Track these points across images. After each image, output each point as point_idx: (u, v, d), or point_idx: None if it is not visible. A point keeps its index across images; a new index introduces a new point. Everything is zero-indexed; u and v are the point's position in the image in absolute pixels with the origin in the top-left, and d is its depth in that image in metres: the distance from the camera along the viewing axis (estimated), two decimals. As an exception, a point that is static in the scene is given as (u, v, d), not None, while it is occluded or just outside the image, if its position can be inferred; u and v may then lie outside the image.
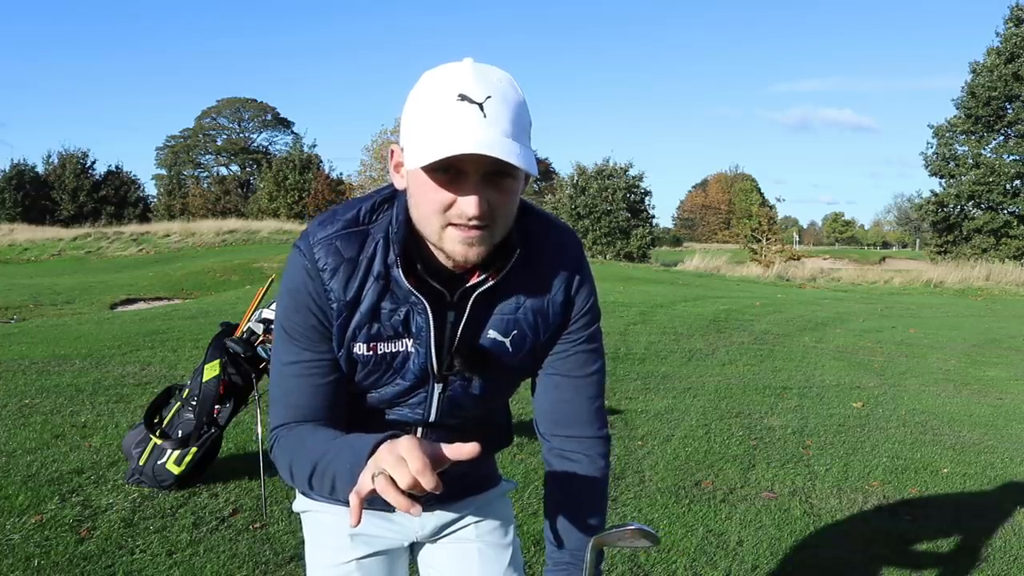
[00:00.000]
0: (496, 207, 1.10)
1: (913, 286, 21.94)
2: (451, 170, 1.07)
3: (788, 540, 3.44)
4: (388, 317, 1.21)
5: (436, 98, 1.06)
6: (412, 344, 1.23)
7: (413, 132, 1.09)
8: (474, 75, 1.06)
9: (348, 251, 1.19)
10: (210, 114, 66.96)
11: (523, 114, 1.09)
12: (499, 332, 1.25)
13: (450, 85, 1.06)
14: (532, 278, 1.25)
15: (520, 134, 1.07)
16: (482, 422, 1.39)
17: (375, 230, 1.21)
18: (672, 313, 10.97)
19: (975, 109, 32.76)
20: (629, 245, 32.10)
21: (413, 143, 1.09)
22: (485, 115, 1.04)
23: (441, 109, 1.05)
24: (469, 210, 1.07)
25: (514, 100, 1.08)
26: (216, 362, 3.65)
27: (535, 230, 1.25)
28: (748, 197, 77.20)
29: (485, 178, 1.08)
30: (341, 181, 44.50)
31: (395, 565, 1.47)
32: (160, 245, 28.21)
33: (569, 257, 1.28)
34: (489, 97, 1.05)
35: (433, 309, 1.20)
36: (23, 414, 4.79)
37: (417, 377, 1.25)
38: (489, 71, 1.08)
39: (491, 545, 1.48)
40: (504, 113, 1.06)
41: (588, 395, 1.34)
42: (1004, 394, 6.80)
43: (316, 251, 1.19)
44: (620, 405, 5.65)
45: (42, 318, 10.29)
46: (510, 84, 1.09)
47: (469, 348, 1.24)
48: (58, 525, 3.19)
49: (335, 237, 1.19)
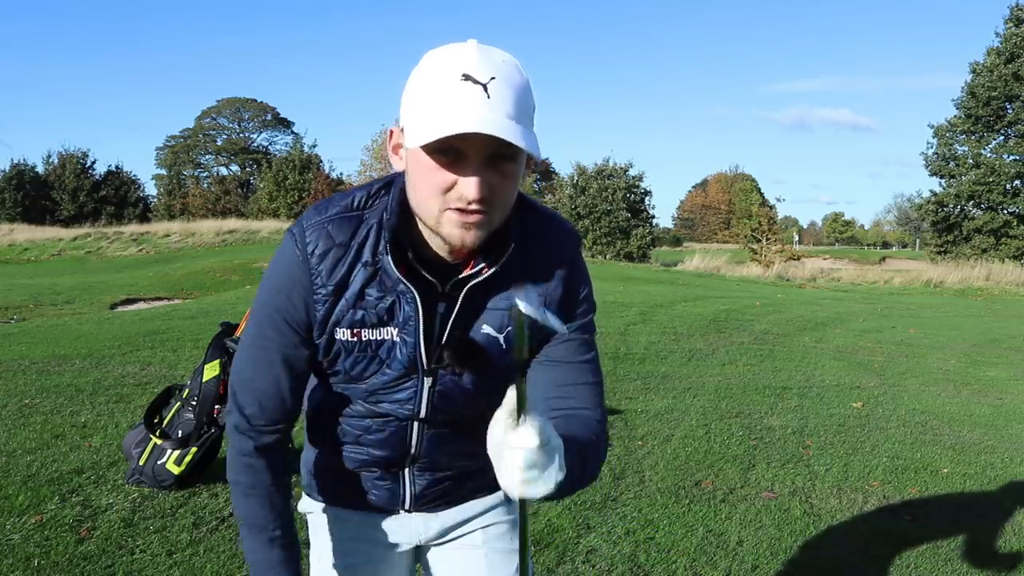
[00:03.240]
0: (496, 191, 1.08)
1: (913, 286, 21.93)
2: (452, 151, 1.05)
3: (788, 540, 3.44)
4: (374, 304, 1.19)
5: (439, 77, 1.04)
6: (398, 333, 1.21)
7: (414, 111, 1.07)
8: (479, 56, 1.04)
9: (340, 236, 1.18)
10: (210, 114, 66.95)
11: (527, 97, 1.07)
12: (493, 327, 1.22)
13: (454, 65, 1.04)
14: (529, 273, 1.22)
15: (523, 117, 1.06)
16: (480, 418, 1.37)
17: (369, 216, 1.19)
18: (672, 313, 10.96)
19: (975, 109, 32.76)
20: (629, 245, 32.09)
21: (414, 122, 1.07)
22: (489, 96, 1.02)
23: (444, 88, 1.03)
24: (470, 192, 1.05)
25: (518, 82, 1.06)
26: (216, 362, 3.65)
27: (534, 224, 1.24)
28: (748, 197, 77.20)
29: (486, 160, 1.06)
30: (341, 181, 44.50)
31: (399, 568, 1.46)
32: (160, 245, 28.20)
33: (566, 253, 1.26)
34: (493, 78, 1.03)
35: (423, 299, 1.18)
36: (23, 414, 4.79)
37: (404, 368, 1.23)
38: (494, 52, 1.07)
39: (498, 551, 1.45)
40: (508, 95, 1.04)
41: (585, 379, 1.27)
42: (1004, 394, 6.80)
43: (308, 235, 1.18)
44: (620, 405, 5.65)
45: (42, 318, 10.28)
46: (514, 66, 1.08)
47: (459, 342, 1.21)
48: (58, 525, 3.19)
49: (328, 221, 1.19)
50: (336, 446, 1.35)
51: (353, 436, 1.33)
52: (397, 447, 1.32)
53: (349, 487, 1.39)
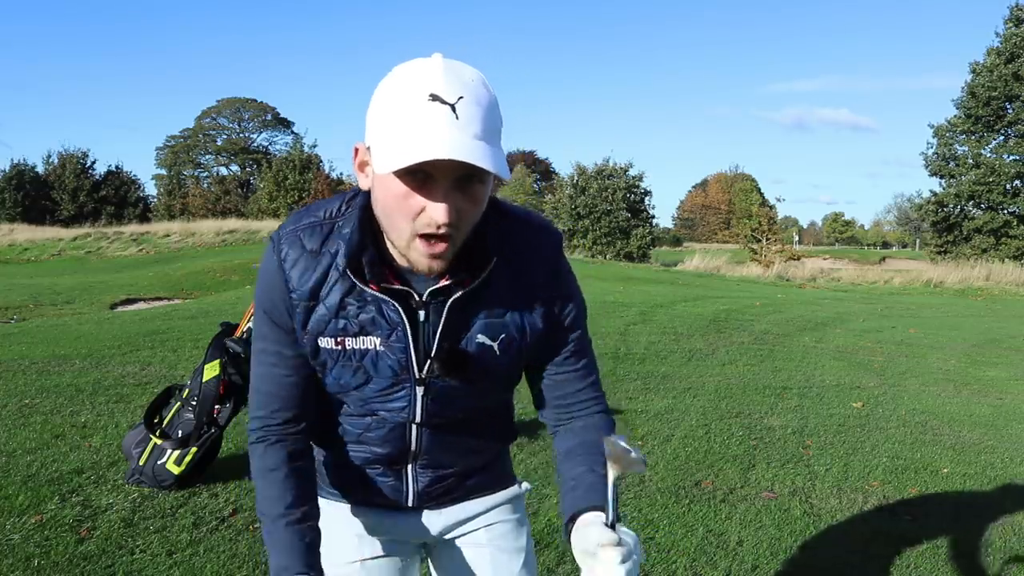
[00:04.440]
0: (464, 215, 1.08)
1: (913, 286, 21.93)
2: (420, 174, 1.04)
3: (788, 540, 3.44)
4: (355, 314, 1.20)
5: (406, 98, 1.03)
6: (381, 343, 1.21)
7: (381, 133, 1.06)
8: (445, 74, 1.02)
9: (310, 243, 1.20)
10: (210, 114, 66.94)
11: (495, 115, 1.06)
12: (487, 336, 1.23)
13: (421, 84, 1.02)
14: (516, 280, 1.23)
15: (491, 136, 1.05)
16: (479, 420, 1.38)
17: (343, 224, 1.20)
18: (672, 313, 10.96)
19: (975, 109, 32.76)
20: (629, 245, 32.10)
21: (381, 145, 1.06)
22: (457, 116, 1.01)
23: (411, 110, 1.02)
24: (439, 217, 1.05)
25: (486, 101, 1.05)
26: (216, 362, 3.65)
27: (512, 231, 1.24)
28: (748, 197, 77.19)
29: (455, 183, 1.06)
30: (341, 181, 44.49)
31: (404, 565, 1.46)
32: (160, 245, 28.21)
33: (548, 256, 1.27)
34: (461, 98, 1.02)
35: (403, 308, 1.19)
36: (23, 414, 4.79)
37: (394, 376, 1.24)
38: (461, 69, 1.05)
39: (503, 550, 1.46)
40: (476, 115, 1.03)
41: (583, 377, 1.34)
42: (1004, 394, 6.80)
43: (282, 242, 1.21)
44: (620, 405, 5.65)
45: (42, 318, 10.28)
46: (482, 83, 1.06)
47: (448, 353, 1.22)
48: (58, 525, 3.19)
49: (301, 230, 1.21)
50: (339, 444, 1.37)
51: (354, 435, 1.34)
52: (397, 445, 1.34)
53: (353, 484, 1.40)
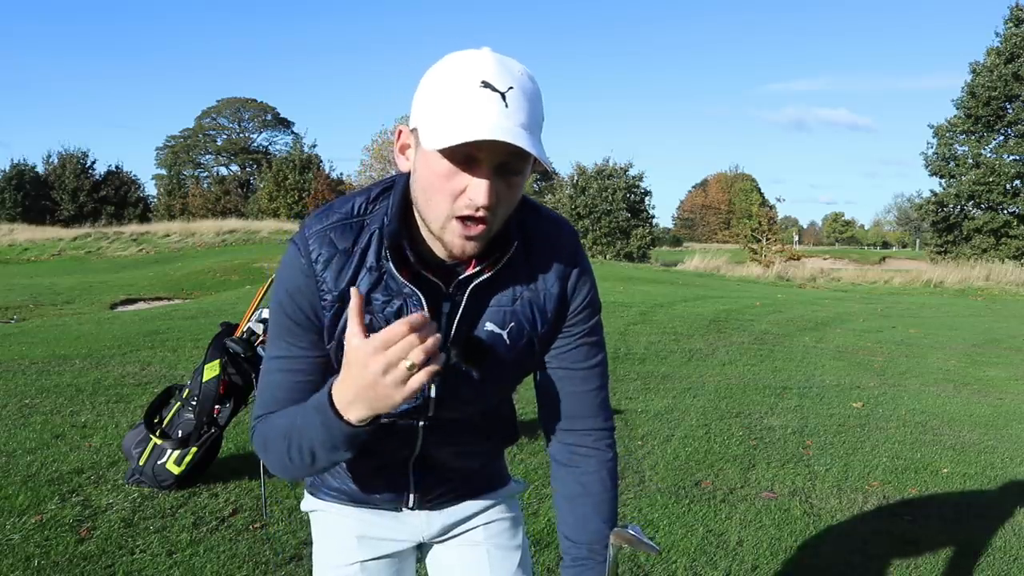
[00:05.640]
0: (502, 199, 1.10)
1: (913, 286, 21.93)
2: (465, 155, 1.06)
3: (788, 540, 3.44)
4: (381, 308, 1.20)
5: (458, 82, 1.05)
6: None
7: (431, 113, 1.08)
8: (496, 65, 1.06)
9: (342, 242, 1.19)
10: (210, 114, 66.97)
11: (539, 108, 1.10)
12: (496, 324, 1.24)
13: (473, 71, 1.05)
14: (529, 271, 1.24)
15: (535, 128, 1.08)
16: (485, 418, 1.38)
17: (371, 221, 1.21)
18: (672, 313, 10.96)
19: (975, 109, 32.77)
20: (629, 245, 32.13)
21: (430, 124, 1.07)
22: (507, 105, 1.04)
23: (463, 93, 1.04)
24: (479, 198, 1.07)
25: (532, 93, 1.08)
26: (216, 362, 3.65)
27: (532, 223, 1.25)
28: (748, 197, 77.23)
29: (496, 168, 1.08)
30: (341, 181, 44.51)
31: (402, 566, 1.47)
32: (160, 245, 28.21)
33: (566, 250, 1.28)
34: (511, 88, 1.05)
35: (428, 300, 1.19)
36: (23, 414, 4.79)
37: None
38: (510, 62, 1.09)
39: (500, 547, 1.47)
40: (524, 105, 1.06)
41: (593, 386, 1.35)
42: (1004, 394, 6.80)
43: (311, 243, 1.19)
44: (620, 405, 5.65)
45: (42, 318, 10.29)
46: (529, 77, 1.10)
47: (466, 340, 1.23)
48: (58, 525, 3.19)
49: (330, 228, 1.20)
50: None
51: None
52: (401, 445, 1.33)
53: (353, 485, 1.40)
